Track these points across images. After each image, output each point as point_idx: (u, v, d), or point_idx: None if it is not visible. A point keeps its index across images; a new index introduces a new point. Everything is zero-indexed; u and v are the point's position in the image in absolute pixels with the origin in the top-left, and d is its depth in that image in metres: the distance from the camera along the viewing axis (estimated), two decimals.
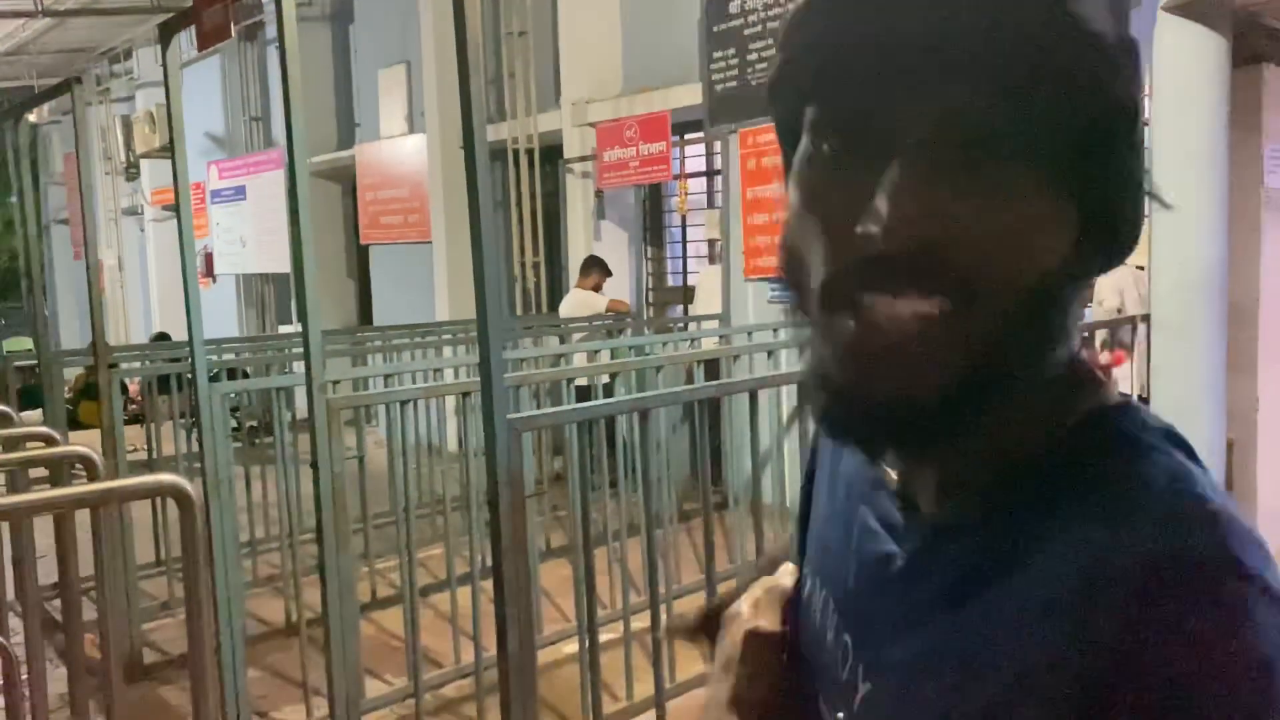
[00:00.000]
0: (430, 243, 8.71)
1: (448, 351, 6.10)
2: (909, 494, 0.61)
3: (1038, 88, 0.48)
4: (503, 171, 8.19)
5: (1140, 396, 4.49)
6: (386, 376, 4.51)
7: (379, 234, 9.47)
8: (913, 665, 0.56)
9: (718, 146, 7.30)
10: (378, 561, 4.68)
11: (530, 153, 7.62)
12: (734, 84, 6.21)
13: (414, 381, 4.32)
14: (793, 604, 0.70)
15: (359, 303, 10.71)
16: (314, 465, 2.87)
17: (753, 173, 6.13)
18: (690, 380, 4.58)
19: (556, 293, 7.69)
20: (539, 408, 4.13)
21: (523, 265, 7.75)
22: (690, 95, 6.57)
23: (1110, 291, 5.02)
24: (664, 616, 3.21)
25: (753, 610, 0.69)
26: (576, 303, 6.77)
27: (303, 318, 2.76)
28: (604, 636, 3.16)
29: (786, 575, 0.72)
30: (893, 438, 0.54)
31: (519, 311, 7.71)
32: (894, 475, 0.62)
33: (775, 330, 5.28)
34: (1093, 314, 5.14)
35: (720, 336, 5.95)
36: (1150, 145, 4.38)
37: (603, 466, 4.49)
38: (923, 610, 0.56)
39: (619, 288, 7.39)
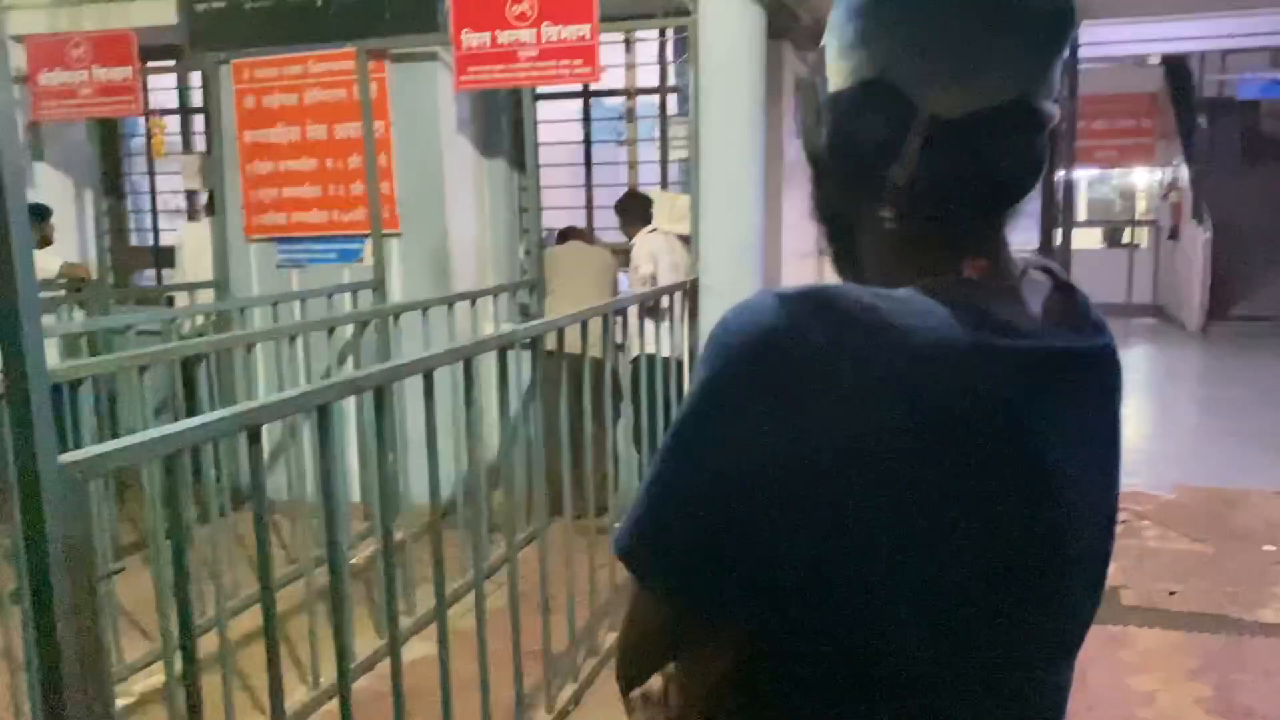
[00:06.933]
0: None
1: None
2: None
3: None
4: None
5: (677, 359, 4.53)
6: None
7: None
8: None
9: (194, 79, 6.15)
10: None
11: None
12: (221, 3, 5.17)
13: None
14: None
15: None
16: None
17: (251, 112, 5.17)
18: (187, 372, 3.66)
19: None
20: None
21: None
22: (158, 13, 5.37)
23: (645, 258, 5.00)
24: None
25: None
26: None
27: None
28: None
29: None
30: None
31: None
32: None
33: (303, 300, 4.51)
34: (629, 280, 5.11)
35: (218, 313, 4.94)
36: (697, 114, 4.40)
37: None
38: None
39: (68, 248, 5.90)
